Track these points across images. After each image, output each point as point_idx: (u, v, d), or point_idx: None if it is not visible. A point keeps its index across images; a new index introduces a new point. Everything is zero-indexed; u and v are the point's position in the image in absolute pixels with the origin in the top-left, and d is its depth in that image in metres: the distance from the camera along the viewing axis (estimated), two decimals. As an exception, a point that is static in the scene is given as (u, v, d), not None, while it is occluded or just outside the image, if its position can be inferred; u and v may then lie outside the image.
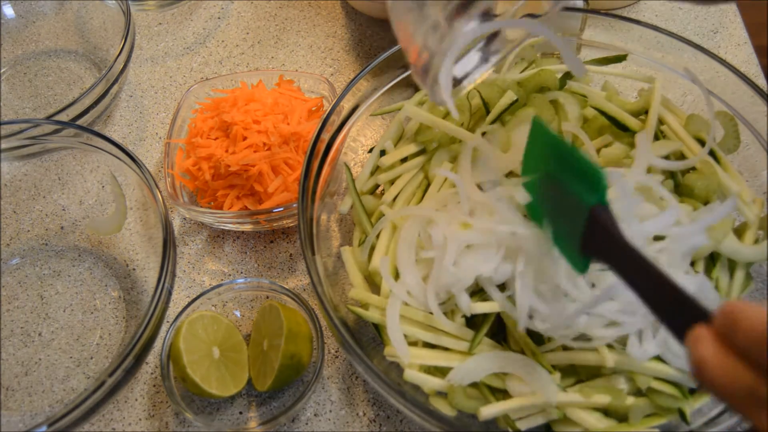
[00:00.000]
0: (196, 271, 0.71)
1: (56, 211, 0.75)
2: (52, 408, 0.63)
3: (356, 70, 0.84)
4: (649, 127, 0.62)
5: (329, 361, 0.65)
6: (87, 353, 0.66)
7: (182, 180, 0.72)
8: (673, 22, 0.87)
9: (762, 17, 1.05)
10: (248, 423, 0.61)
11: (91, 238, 0.73)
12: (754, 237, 0.59)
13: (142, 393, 0.64)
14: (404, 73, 0.69)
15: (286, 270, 0.71)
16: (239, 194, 0.69)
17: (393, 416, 0.61)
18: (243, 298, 0.66)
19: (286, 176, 0.69)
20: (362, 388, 0.63)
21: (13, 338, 0.67)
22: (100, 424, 0.63)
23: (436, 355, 0.56)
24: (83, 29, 0.90)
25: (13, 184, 0.75)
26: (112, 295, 0.70)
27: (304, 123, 0.71)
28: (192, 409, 0.61)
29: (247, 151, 0.68)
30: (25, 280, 0.71)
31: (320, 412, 0.62)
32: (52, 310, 0.69)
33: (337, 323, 0.53)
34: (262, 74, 0.78)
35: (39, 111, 0.84)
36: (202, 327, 0.61)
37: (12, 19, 0.91)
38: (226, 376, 0.60)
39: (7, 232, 0.73)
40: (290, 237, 0.73)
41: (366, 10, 0.90)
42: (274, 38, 0.90)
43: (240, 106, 0.71)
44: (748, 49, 0.84)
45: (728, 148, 0.63)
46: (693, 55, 0.65)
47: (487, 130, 0.64)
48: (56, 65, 0.89)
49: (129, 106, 0.85)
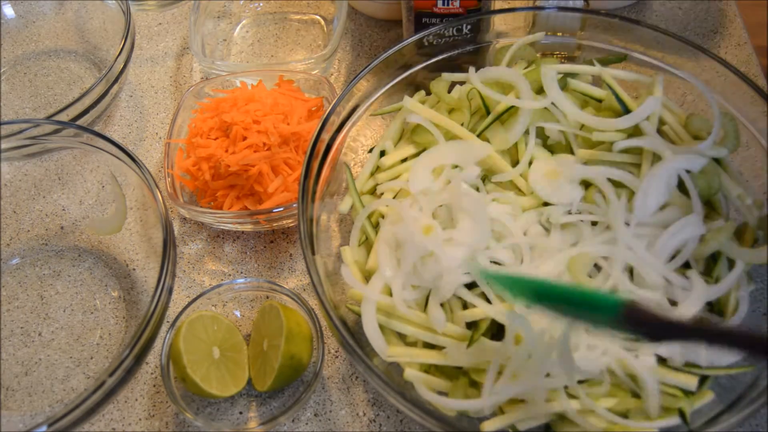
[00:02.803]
0: (196, 271, 0.71)
1: (56, 211, 0.75)
2: (52, 408, 0.63)
3: (356, 70, 0.84)
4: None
5: (329, 361, 0.65)
6: (87, 353, 0.66)
7: (182, 180, 0.72)
8: (673, 22, 0.87)
9: (762, 17, 1.05)
10: (248, 423, 0.61)
11: (91, 238, 0.73)
12: (754, 238, 0.59)
13: (142, 393, 0.64)
14: (404, 73, 0.69)
15: (286, 270, 0.71)
16: (239, 194, 0.69)
17: (393, 416, 0.61)
18: (243, 298, 0.66)
19: (286, 176, 0.69)
20: (362, 388, 0.63)
21: (13, 338, 0.67)
22: (100, 424, 0.63)
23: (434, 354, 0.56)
24: (83, 29, 0.90)
25: (13, 184, 0.75)
26: (112, 295, 0.70)
27: (304, 123, 0.71)
28: (192, 409, 0.61)
29: (247, 151, 0.68)
30: (25, 280, 0.71)
31: (320, 412, 0.62)
32: (52, 310, 0.69)
33: (337, 323, 0.53)
34: (262, 74, 0.78)
35: (39, 111, 0.84)
36: (202, 327, 0.61)
37: (12, 19, 0.91)
38: (226, 376, 0.60)
39: (7, 232, 0.73)
40: (290, 237, 0.73)
41: (366, 10, 0.90)
42: (274, 38, 0.90)
43: (240, 107, 0.71)
44: (748, 49, 0.84)
45: (728, 148, 0.63)
46: (693, 55, 0.65)
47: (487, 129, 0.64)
48: (56, 65, 0.89)
49: (129, 106, 0.85)
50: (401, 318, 0.57)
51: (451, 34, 0.71)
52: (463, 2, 0.73)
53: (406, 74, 0.69)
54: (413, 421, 0.59)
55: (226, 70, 0.80)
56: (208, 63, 0.80)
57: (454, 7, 0.73)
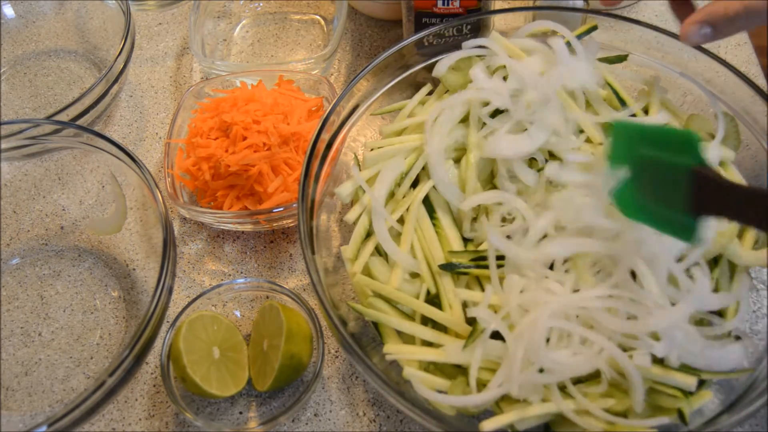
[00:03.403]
0: (196, 271, 0.72)
1: (56, 211, 0.75)
2: (52, 408, 0.63)
3: (356, 70, 0.84)
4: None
5: (329, 361, 0.65)
6: (87, 353, 0.66)
7: (182, 180, 0.72)
8: (673, 22, 0.87)
9: (762, 17, 1.05)
10: (248, 423, 0.61)
11: (91, 238, 0.73)
12: (755, 238, 0.59)
13: (142, 393, 0.64)
14: (404, 73, 0.69)
15: (286, 270, 0.71)
16: (239, 194, 0.69)
17: (393, 416, 0.62)
18: (243, 298, 0.66)
19: (286, 176, 0.69)
20: (362, 388, 0.63)
21: (13, 338, 0.67)
22: (100, 424, 0.63)
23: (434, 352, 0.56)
24: (83, 29, 0.90)
25: (13, 184, 0.75)
26: (112, 295, 0.70)
27: (304, 123, 0.71)
28: (192, 409, 0.61)
29: (247, 151, 0.68)
30: (25, 280, 0.71)
31: (320, 412, 0.62)
32: (52, 310, 0.69)
33: (337, 323, 0.53)
34: (262, 74, 0.78)
35: (39, 111, 0.84)
36: (202, 327, 0.61)
37: (12, 19, 0.91)
38: (226, 376, 0.60)
39: (7, 232, 0.73)
40: (290, 237, 0.73)
41: (366, 10, 0.90)
42: (274, 38, 0.90)
43: (240, 106, 0.71)
44: (748, 49, 0.84)
45: (728, 148, 0.63)
46: (693, 55, 0.65)
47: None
48: (56, 65, 0.89)
49: (129, 106, 0.85)
50: (399, 298, 0.58)
51: (451, 34, 0.71)
52: (463, 2, 0.73)
53: (406, 74, 0.70)
54: (413, 421, 0.59)
55: (226, 70, 0.80)
56: (208, 63, 0.80)
57: (454, 7, 0.73)
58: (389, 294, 0.58)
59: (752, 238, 0.59)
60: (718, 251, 0.58)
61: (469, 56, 0.67)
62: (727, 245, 0.57)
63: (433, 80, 0.70)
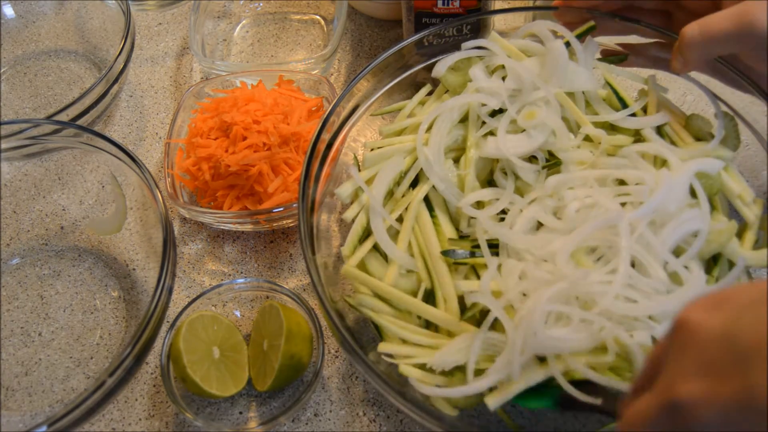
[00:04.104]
0: (196, 271, 0.72)
1: (56, 211, 0.75)
2: (52, 408, 0.63)
3: (356, 70, 0.84)
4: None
5: (329, 361, 0.65)
6: (87, 353, 0.66)
7: (182, 180, 0.72)
8: (673, 22, 0.87)
9: (762, 17, 1.05)
10: (248, 423, 0.61)
11: (91, 238, 0.73)
12: (755, 238, 0.59)
13: (142, 393, 0.64)
14: (404, 73, 0.69)
15: (286, 270, 0.71)
16: (239, 194, 0.69)
17: (393, 416, 0.61)
18: (243, 298, 0.66)
19: (286, 176, 0.69)
20: (362, 388, 0.63)
21: (13, 338, 0.67)
22: (100, 424, 0.63)
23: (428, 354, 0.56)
24: (83, 29, 0.90)
25: (13, 184, 0.75)
26: (112, 295, 0.70)
27: (304, 123, 0.71)
28: (192, 409, 0.61)
29: (247, 151, 0.68)
30: (25, 280, 0.71)
31: (320, 412, 0.62)
32: (52, 310, 0.69)
33: (337, 323, 0.53)
34: (261, 74, 0.78)
35: (39, 111, 0.84)
36: (202, 327, 0.61)
37: (12, 19, 0.91)
38: (226, 376, 0.60)
39: (7, 232, 0.73)
40: (290, 237, 0.73)
41: (366, 10, 0.90)
42: (274, 38, 0.90)
43: (240, 107, 0.71)
44: (748, 49, 0.84)
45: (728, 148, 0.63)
46: (693, 55, 0.65)
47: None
48: (56, 65, 0.89)
49: (129, 106, 0.85)
50: (398, 319, 0.57)
51: (451, 34, 0.71)
52: (463, 2, 0.73)
53: (406, 74, 0.69)
54: (413, 421, 0.59)
55: (226, 70, 0.80)
56: (208, 63, 0.80)
57: (454, 7, 0.73)
58: (379, 288, 0.58)
59: (752, 238, 0.59)
60: (717, 250, 0.58)
61: (468, 56, 0.67)
62: (726, 244, 0.57)
63: (433, 80, 0.70)
